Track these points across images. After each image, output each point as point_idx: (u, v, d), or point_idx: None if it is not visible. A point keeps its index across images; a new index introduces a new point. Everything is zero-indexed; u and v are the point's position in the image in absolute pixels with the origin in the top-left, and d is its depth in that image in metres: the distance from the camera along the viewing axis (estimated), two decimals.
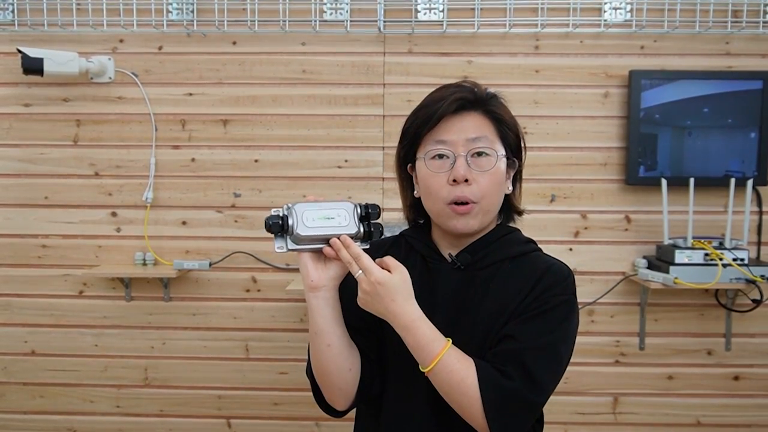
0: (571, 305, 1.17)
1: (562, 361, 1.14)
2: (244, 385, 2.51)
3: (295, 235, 1.08)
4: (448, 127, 1.16)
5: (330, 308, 1.13)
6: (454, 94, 1.17)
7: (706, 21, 2.35)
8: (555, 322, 1.14)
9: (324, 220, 1.09)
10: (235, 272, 2.48)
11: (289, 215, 1.09)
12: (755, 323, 2.44)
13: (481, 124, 1.17)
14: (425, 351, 1.08)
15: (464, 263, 1.20)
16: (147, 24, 2.40)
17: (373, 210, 1.13)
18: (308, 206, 1.10)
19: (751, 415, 2.47)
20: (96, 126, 2.46)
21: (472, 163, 1.15)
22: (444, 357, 1.08)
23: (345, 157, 2.44)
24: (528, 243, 1.25)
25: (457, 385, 1.07)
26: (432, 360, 1.07)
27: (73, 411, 2.54)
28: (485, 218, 1.18)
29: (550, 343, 1.12)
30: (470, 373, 1.07)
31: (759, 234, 2.42)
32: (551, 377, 1.12)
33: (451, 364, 1.08)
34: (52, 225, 2.49)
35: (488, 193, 1.16)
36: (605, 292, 2.43)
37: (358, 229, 1.11)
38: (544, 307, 1.13)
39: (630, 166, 2.37)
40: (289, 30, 2.40)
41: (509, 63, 2.41)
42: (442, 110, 1.15)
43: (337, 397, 1.21)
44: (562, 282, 1.17)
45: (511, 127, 1.21)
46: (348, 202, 1.12)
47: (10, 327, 2.53)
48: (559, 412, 2.47)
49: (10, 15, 2.41)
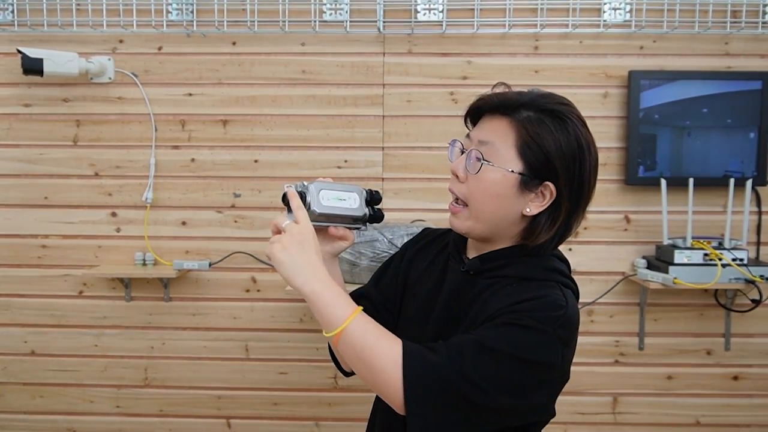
0: (550, 341, 1.03)
1: (510, 380, 1.01)
2: (243, 385, 2.52)
3: (311, 212, 1.13)
4: (480, 123, 1.17)
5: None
6: (493, 97, 1.14)
7: (705, 21, 2.35)
8: (518, 340, 1.01)
9: (337, 201, 1.16)
10: (234, 272, 2.48)
11: (306, 192, 1.14)
12: (754, 323, 2.44)
13: (503, 130, 1.11)
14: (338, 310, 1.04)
15: (472, 269, 1.18)
16: (147, 24, 2.40)
17: (377, 195, 1.22)
18: (324, 185, 1.16)
19: (750, 415, 2.47)
20: (96, 126, 2.46)
21: (470, 164, 1.14)
22: (357, 318, 1.04)
23: (345, 157, 2.45)
24: (552, 272, 1.15)
25: (370, 348, 1.01)
26: (343, 321, 1.03)
27: (73, 411, 2.54)
28: (477, 225, 1.14)
29: (499, 351, 1.00)
30: (392, 339, 1.03)
31: (758, 234, 2.42)
32: (488, 377, 1.00)
33: (364, 326, 1.04)
34: (51, 225, 2.49)
35: (475, 199, 1.12)
36: (605, 292, 2.43)
37: (366, 212, 1.20)
38: (512, 320, 1.03)
39: (629, 166, 2.37)
40: (288, 30, 2.40)
41: (509, 63, 2.41)
42: (480, 104, 1.16)
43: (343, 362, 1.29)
44: (547, 312, 1.05)
45: (540, 146, 1.08)
46: (356, 186, 1.20)
47: (10, 327, 2.53)
48: (559, 412, 2.44)
49: (10, 15, 2.41)
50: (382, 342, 1.02)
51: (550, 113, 1.10)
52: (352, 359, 1.04)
